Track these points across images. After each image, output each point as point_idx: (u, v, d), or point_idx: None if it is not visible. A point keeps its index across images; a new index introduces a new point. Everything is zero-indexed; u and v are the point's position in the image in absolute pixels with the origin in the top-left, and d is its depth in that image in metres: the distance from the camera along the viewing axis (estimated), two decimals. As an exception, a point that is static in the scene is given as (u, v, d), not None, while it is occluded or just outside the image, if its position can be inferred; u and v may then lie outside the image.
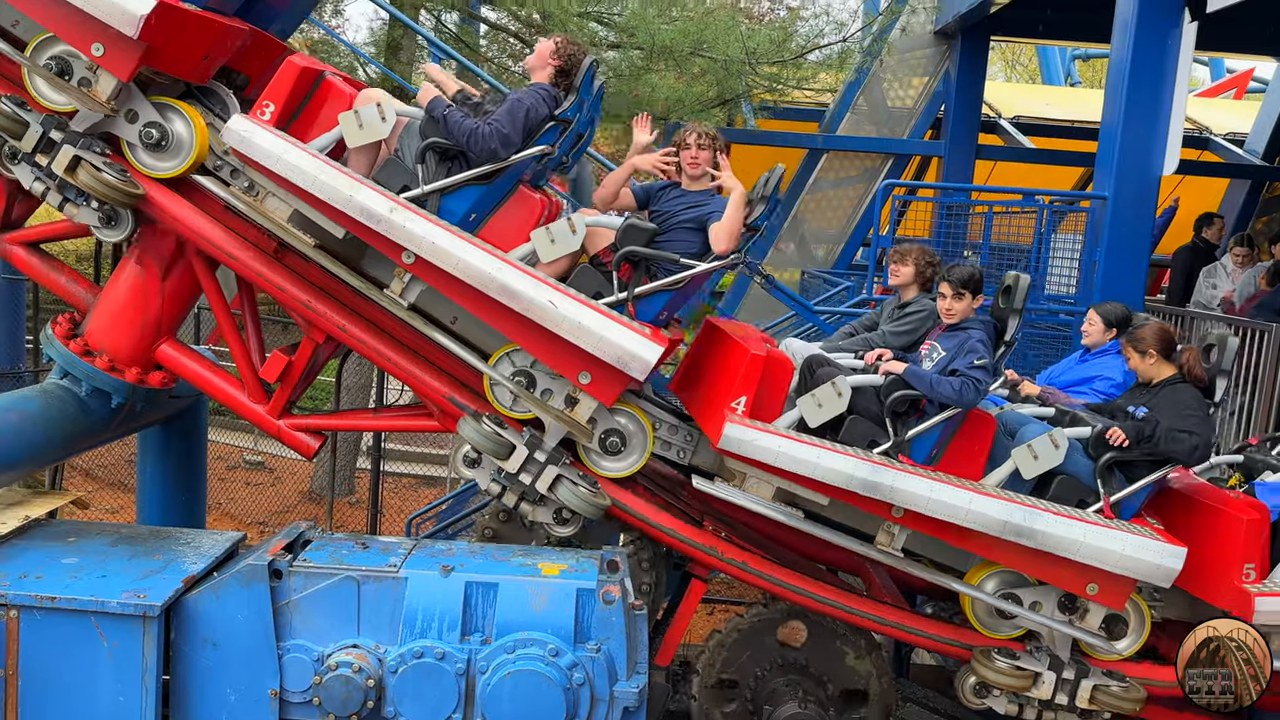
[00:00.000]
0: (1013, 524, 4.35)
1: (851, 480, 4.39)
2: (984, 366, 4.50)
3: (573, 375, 4.51)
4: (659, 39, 10.37)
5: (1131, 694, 4.55)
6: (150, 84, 4.67)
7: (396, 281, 4.63)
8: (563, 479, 4.60)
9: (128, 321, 4.95)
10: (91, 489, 12.16)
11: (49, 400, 4.82)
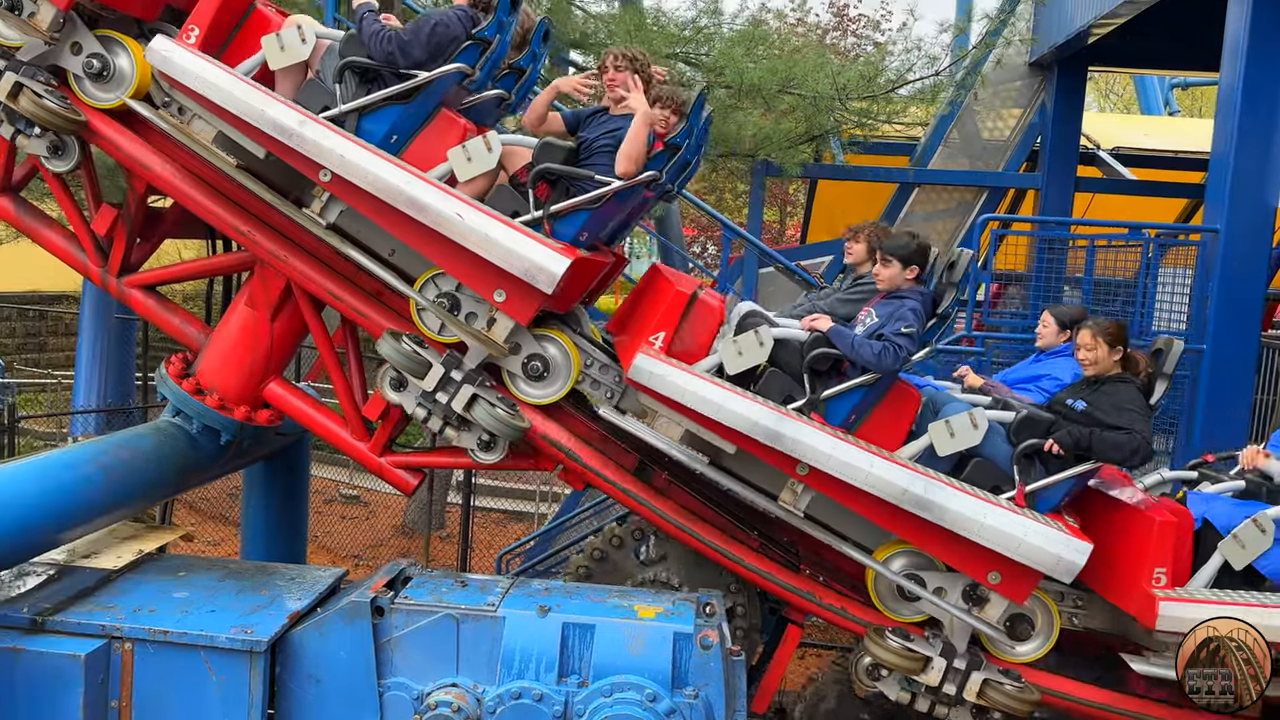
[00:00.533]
0: (912, 493, 4.25)
1: (755, 427, 4.34)
2: (909, 335, 4.44)
3: (488, 293, 4.51)
4: (747, 77, 10.39)
5: (1025, 695, 4.41)
6: (99, 19, 4.83)
7: (316, 201, 4.72)
8: (479, 399, 4.58)
9: (237, 361, 5.10)
10: (195, 522, 12.56)
11: (162, 437, 4.98)
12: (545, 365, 4.79)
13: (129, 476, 4.67)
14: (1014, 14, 11.74)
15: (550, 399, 4.83)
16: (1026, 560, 4.20)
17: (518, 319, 4.57)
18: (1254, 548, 4.37)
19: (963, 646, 4.54)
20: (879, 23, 22.75)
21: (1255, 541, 4.37)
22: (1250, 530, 4.36)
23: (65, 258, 5.30)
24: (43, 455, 4.38)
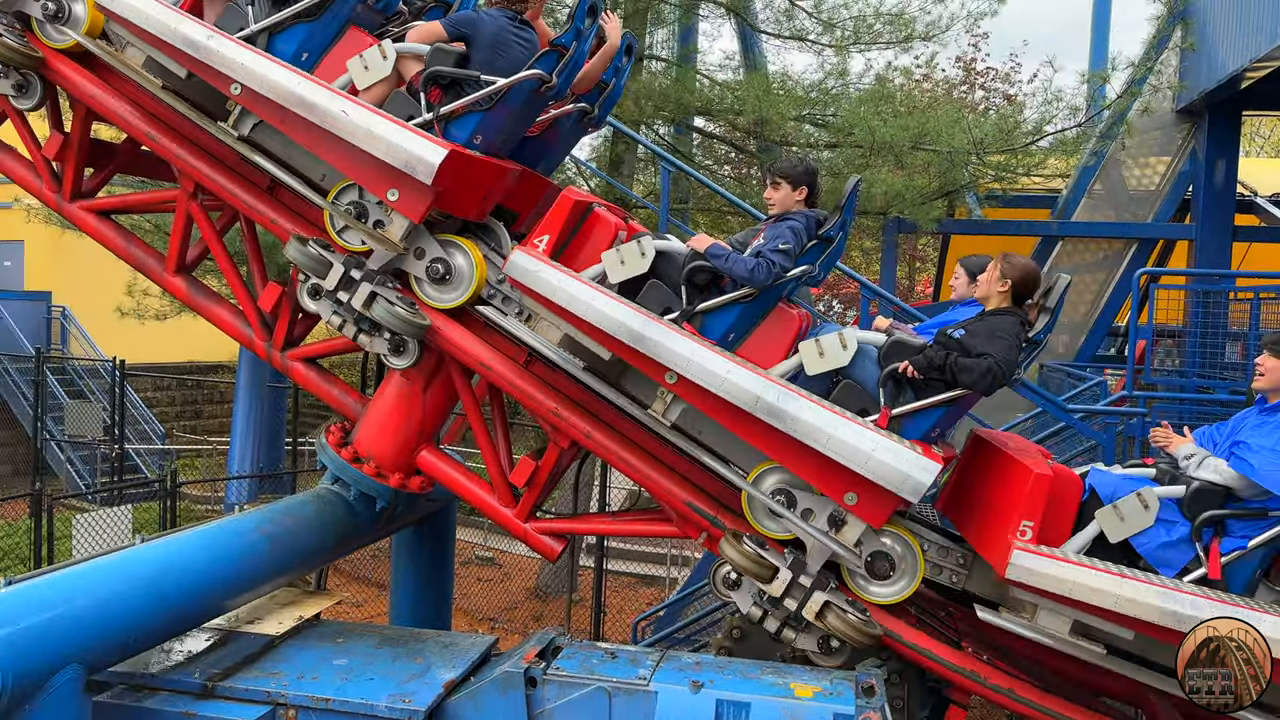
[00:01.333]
0: (765, 401, 4.22)
1: (620, 328, 4.32)
2: (785, 252, 4.49)
3: (383, 193, 4.55)
4: (878, 135, 10.30)
5: (863, 628, 4.35)
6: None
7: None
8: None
9: (393, 430, 5.25)
10: (339, 583, 12.93)
11: (322, 505, 5.14)
12: (448, 269, 4.88)
13: (292, 543, 4.81)
14: (1160, 61, 11.31)
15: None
16: (873, 476, 4.12)
17: (410, 216, 4.65)
18: (1133, 522, 4.23)
19: (815, 568, 4.50)
20: (1009, 75, 22.33)
21: (1135, 516, 4.23)
22: (1133, 504, 4.22)
23: (233, 333, 5.58)
24: (211, 524, 4.56)
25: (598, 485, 10.02)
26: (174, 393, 22.60)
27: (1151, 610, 3.99)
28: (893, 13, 13.16)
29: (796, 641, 4.57)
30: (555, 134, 5.60)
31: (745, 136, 13.66)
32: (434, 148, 4.46)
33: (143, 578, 3.88)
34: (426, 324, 4.86)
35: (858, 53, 13.58)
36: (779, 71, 13.95)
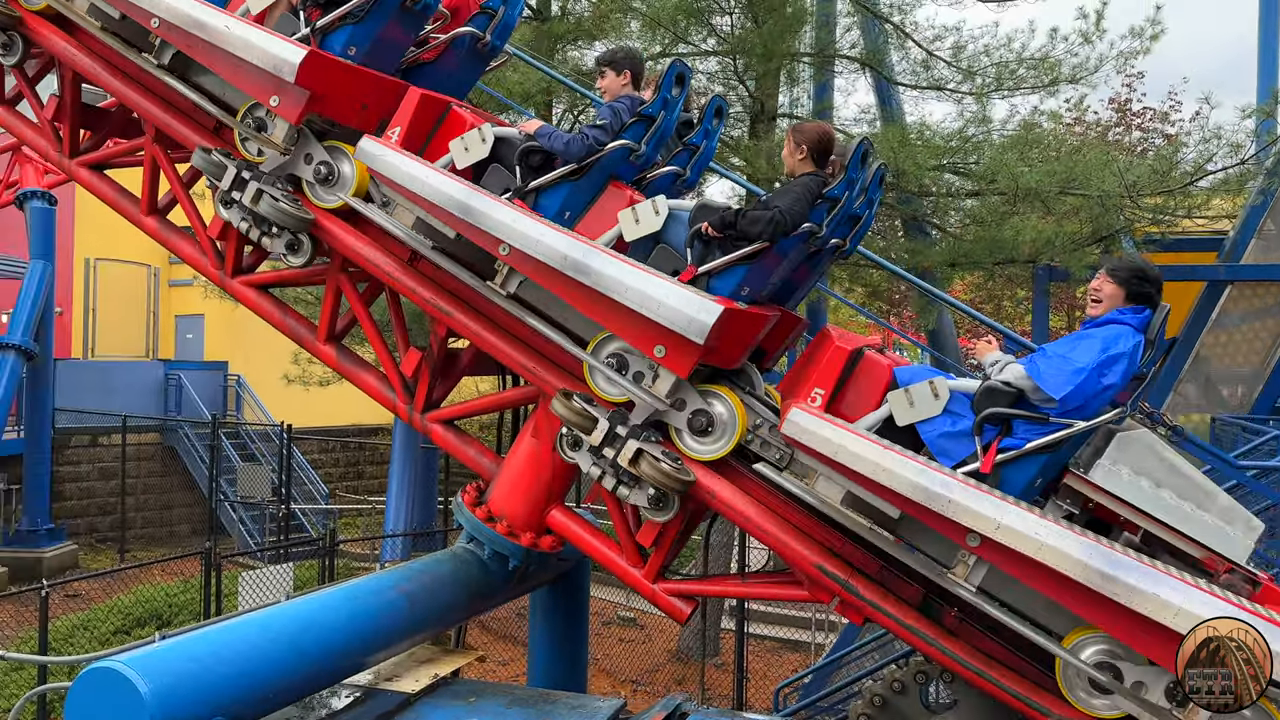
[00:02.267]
0: (571, 259, 4.53)
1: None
2: (601, 128, 4.87)
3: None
4: (1023, 181, 9.97)
5: (676, 474, 4.57)
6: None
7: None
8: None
9: (524, 489, 5.34)
10: (486, 641, 13.17)
11: (458, 563, 5.26)
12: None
13: (429, 601, 4.94)
14: (1333, 89, 10.56)
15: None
16: (664, 320, 4.36)
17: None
18: (921, 408, 4.33)
19: (635, 420, 4.75)
20: (1167, 114, 21.28)
21: (924, 402, 4.33)
22: (924, 390, 4.32)
23: (378, 397, 5.84)
24: (351, 582, 4.73)
25: (736, 547, 9.90)
26: (338, 454, 23.78)
27: (904, 483, 4.02)
28: (1036, 57, 12.82)
29: (630, 499, 4.79)
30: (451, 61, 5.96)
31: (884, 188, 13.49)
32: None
33: (285, 633, 4.05)
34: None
35: (1000, 99, 13.27)
36: (917, 121, 13.76)
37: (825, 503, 4.45)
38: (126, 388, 21.40)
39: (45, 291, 18.07)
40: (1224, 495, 4.19)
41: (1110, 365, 4.13)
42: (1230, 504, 4.15)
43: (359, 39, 5.36)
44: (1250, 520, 4.13)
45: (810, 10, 13.20)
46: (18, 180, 19.14)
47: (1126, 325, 4.24)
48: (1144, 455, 4.19)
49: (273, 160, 5.40)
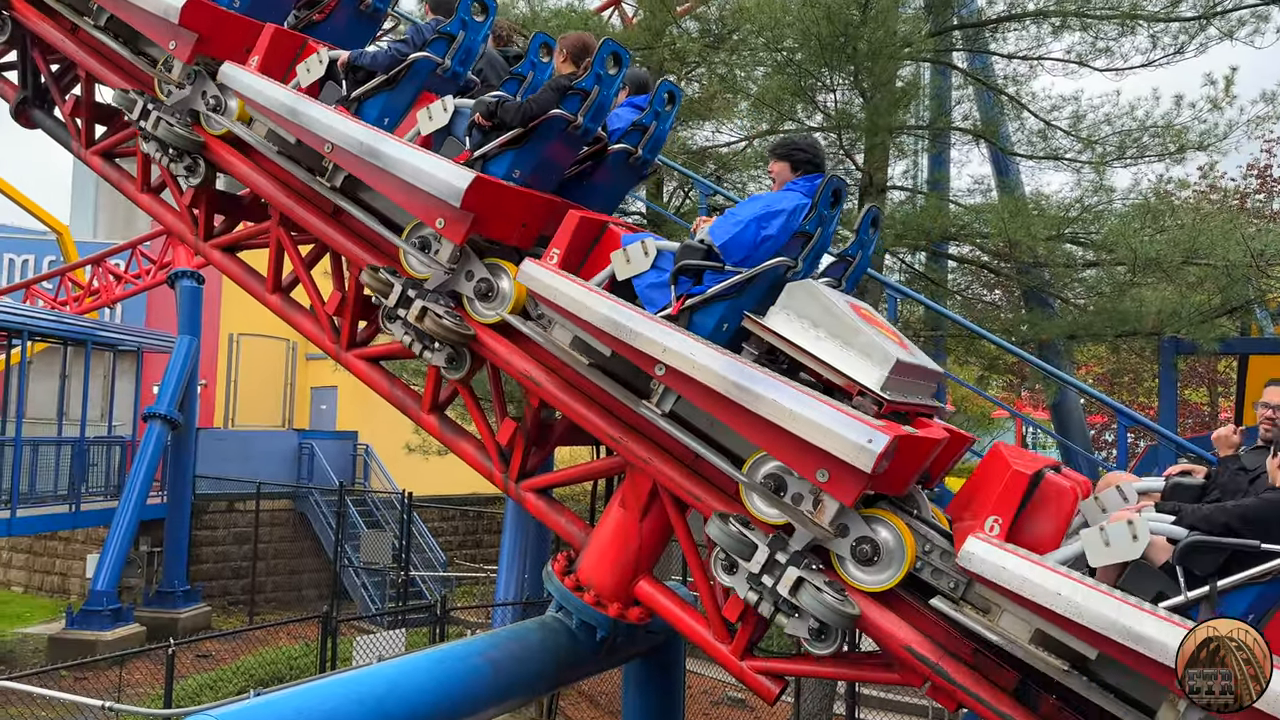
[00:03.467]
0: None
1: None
2: (404, 41, 5.93)
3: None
4: (1141, 252, 9.61)
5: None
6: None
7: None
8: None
9: (612, 559, 5.39)
10: (593, 715, 13.08)
11: (545, 632, 5.32)
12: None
13: (515, 669, 5.01)
14: None
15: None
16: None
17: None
18: (635, 265, 5.05)
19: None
20: (1314, 179, 20.21)
21: (638, 259, 5.07)
22: (636, 249, 5.09)
23: (475, 465, 6.03)
24: (439, 647, 4.86)
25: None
26: (456, 523, 24.30)
27: (1102, 620, 3.82)
28: (1161, 124, 12.43)
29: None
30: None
31: (999, 260, 13.21)
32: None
33: (370, 695, 4.18)
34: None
35: (1122, 167, 12.89)
36: (1034, 192, 13.47)
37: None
38: (263, 456, 22.52)
39: (191, 365, 19.33)
40: (867, 333, 4.66)
41: (769, 219, 4.84)
42: (871, 341, 4.64)
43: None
44: (886, 354, 4.58)
45: (920, 84, 13.19)
46: (170, 261, 20.68)
47: (794, 191, 4.99)
48: (805, 301, 4.77)
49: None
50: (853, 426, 4.21)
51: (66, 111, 7.77)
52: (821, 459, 4.34)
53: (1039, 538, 4.32)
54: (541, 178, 5.71)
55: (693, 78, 14.56)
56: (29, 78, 7.86)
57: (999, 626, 4.24)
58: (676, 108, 6.21)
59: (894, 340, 4.86)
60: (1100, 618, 3.84)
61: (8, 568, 22.48)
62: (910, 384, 4.83)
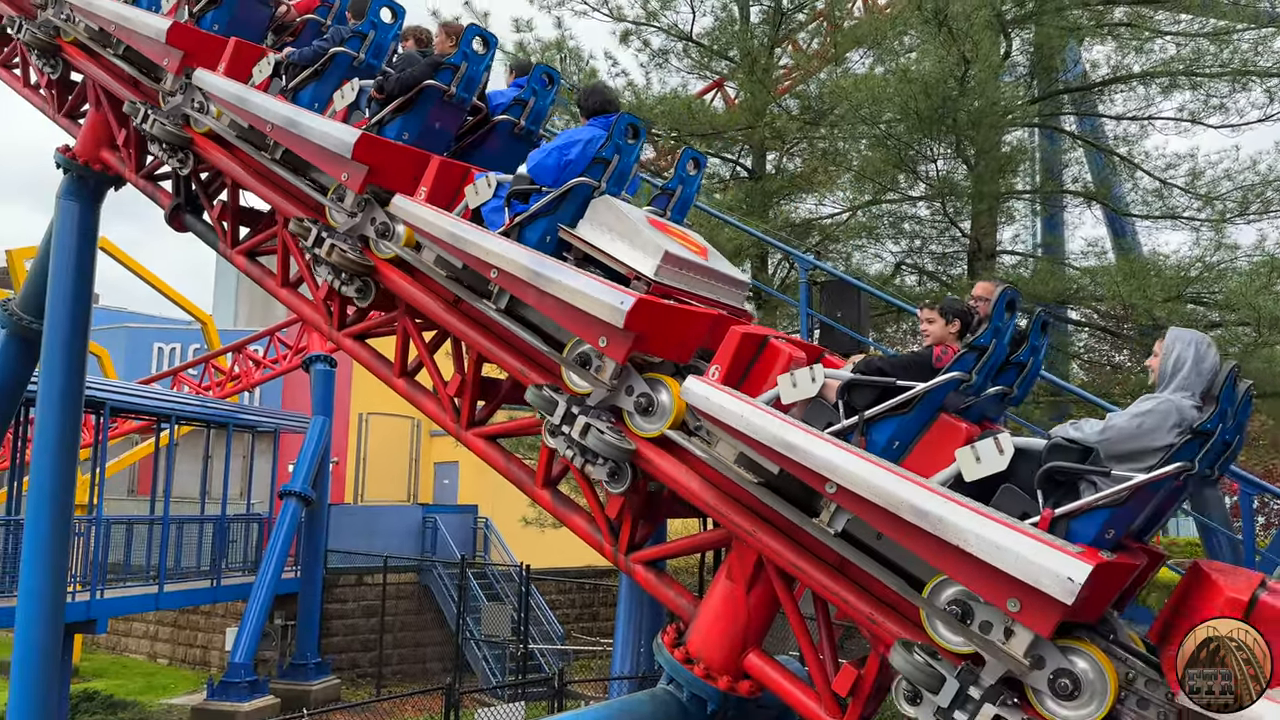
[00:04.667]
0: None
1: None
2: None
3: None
4: (1267, 311, 9.28)
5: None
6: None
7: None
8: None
9: (720, 632, 5.47)
10: (711, 792, 12.88)
11: (656, 704, 5.43)
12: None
13: (628, 740, 5.13)
14: None
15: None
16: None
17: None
18: (482, 196, 6.20)
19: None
20: None
21: (483, 192, 6.21)
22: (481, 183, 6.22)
23: (586, 537, 6.24)
24: (552, 718, 5.00)
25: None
26: (574, 595, 24.49)
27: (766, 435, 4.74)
28: (1286, 177, 12.06)
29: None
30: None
31: (1118, 322, 12.88)
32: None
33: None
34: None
35: (1245, 224, 12.50)
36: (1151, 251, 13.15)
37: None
38: (389, 530, 23.32)
39: (324, 444, 20.32)
40: (647, 234, 5.63)
41: (569, 148, 5.98)
42: (648, 239, 5.60)
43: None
44: (658, 247, 5.56)
45: (1026, 149, 13.15)
46: (305, 346, 21.93)
47: (591, 126, 6.13)
48: (604, 212, 5.85)
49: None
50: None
51: (214, 216, 8.54)
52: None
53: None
54: (430, 142, 6.75)
55: (794, 153, 14.86)
56: (182, 188, 8.67)
57: (714, 451, 5.07)
58: (555, 88, 7.22)
59: (683, 244, 5.87)
60: (764, 432, 4.67)
61: (155, 640, 23.72)
62: (695, 280, 5.83)
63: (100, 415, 17.45)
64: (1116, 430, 4.28)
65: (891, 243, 13.82)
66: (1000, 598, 4.12)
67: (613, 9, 14.77)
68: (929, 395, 4.73)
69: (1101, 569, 3.97)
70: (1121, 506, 4.17)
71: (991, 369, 4.86)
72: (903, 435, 4.79)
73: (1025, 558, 3.97)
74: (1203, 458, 4.28)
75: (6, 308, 10.79)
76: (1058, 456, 4.29)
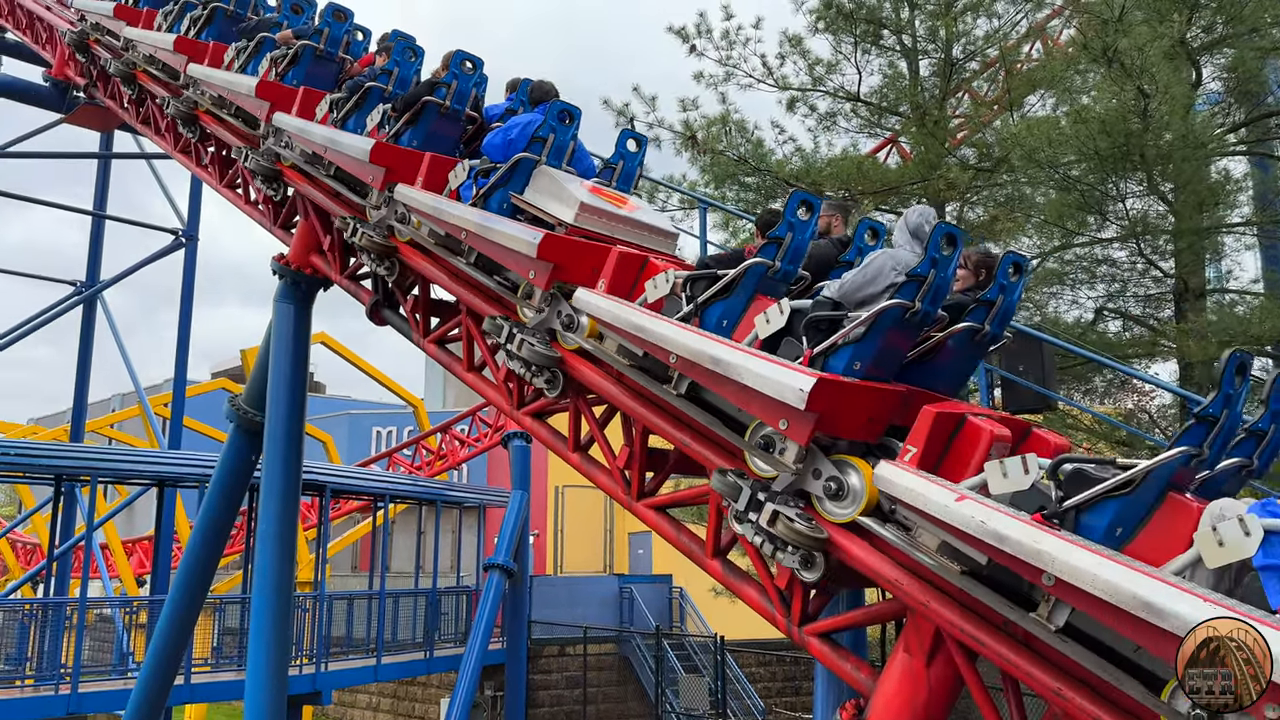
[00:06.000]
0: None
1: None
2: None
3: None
4: None
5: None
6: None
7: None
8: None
9: (899, 708, 5.24)
10: None
11: (836, 782, 5.25)
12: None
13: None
14: None
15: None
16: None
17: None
18: (458, 179, 7.81)
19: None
20: None
21: (459, 175, 7.81)
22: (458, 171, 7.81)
23: (758, 608, 6.15)
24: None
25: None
26: (775, 669, 23.98)
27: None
28: None
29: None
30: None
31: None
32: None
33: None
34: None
35: None
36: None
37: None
38: (587, 601, 23.75)
39: (523, 517, 21.07)
40: (570, 190, 6.96)
41: (510, 130, 7.39)
42: (571, 195, 6.95)
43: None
44: (575, 199, 6.91)
45: (1232, 180, 12.22)
46: (504, 424, 22.98)
47: (531, 114, 7.49)
48: (542, 179, 7.22)
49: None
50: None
51: (408, 309, 9.19)
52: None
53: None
54: (436, 145, 8.04)
55: (975, 202, 14.43)
56: (380, 286, 9.41)
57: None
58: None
59: (609, 200, 7.12)
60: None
61: (377, 711, 25.01)
62: (616, 227, 7.09)
63: (322, 497, 18.85)
64: (850, 283, 5.56)
65: (1087, 288, 13.07)
66: (773, 419, 5.22)
67: (778, 79, 14.97)
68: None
69: (827, 384, 4.97)
70: (860, 341, 5.27)
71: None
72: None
73: (772, 379, 5.07)
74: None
75: (234, 403, 11.93)
76: (818, 310, 5.45)
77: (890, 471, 4.96)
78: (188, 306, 20.75)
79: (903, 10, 14.72)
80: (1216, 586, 4.03)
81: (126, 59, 13.29)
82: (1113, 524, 4.34)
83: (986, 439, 5.01)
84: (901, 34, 14.61)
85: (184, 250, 20.85)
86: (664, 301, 6.46)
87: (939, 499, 4.70)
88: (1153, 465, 4.30)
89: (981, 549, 4.59)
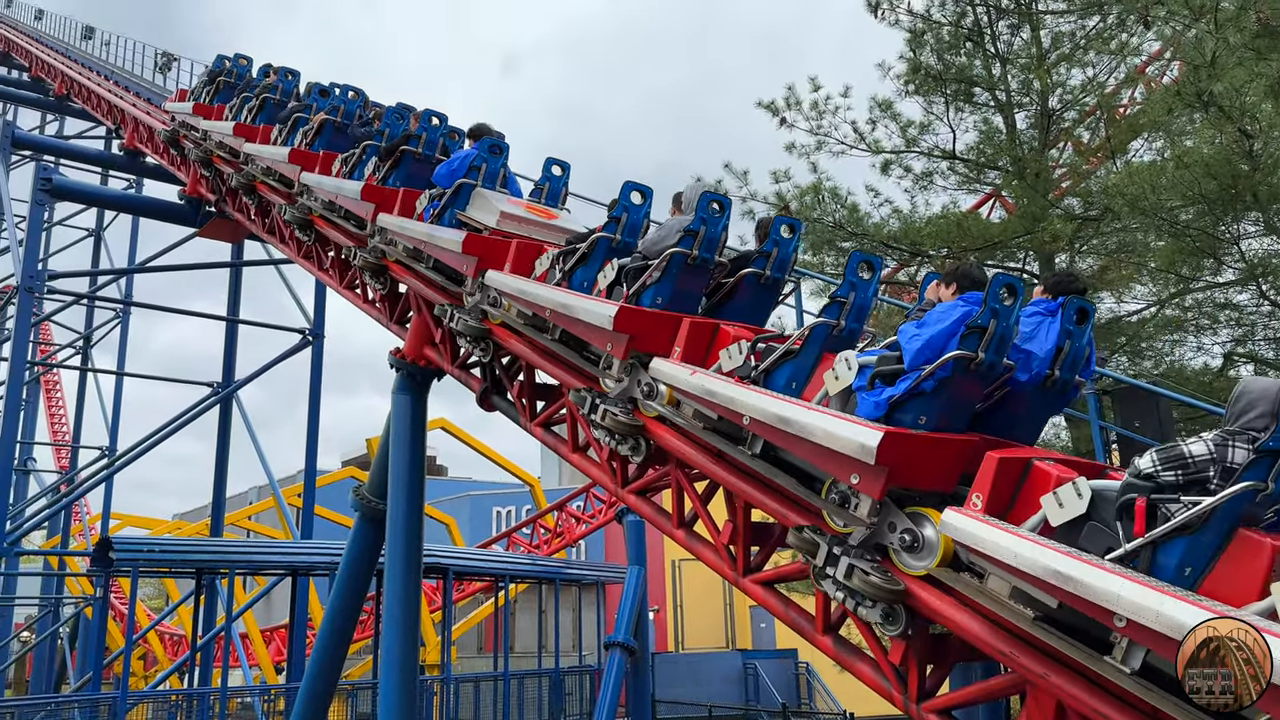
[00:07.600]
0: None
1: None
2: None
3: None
4: None
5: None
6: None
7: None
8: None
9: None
10: None
11: None
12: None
13: None
14: None
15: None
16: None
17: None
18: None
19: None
20: None
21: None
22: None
23: (874, 686, 6.02)
24: None
25: None
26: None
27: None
28: None
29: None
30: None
31: None
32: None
33: None
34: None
35: None
36: None
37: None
38: (710, 678, 23.38)
39: (641, 593, 20.99)
40: (495, 203, 8.77)
41: (453, 161, 9.55)
42: (495, 207, 8.76)
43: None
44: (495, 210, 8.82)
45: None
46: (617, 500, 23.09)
47: (468, 153, 9.50)
48: (477, 198, 8.97)
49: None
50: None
51: (515, 394, 9.50)
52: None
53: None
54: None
55: (1084, 251, 14.04)
56: (488, 373, 9.77)
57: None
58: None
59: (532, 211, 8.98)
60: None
61: (506, 792, 24.99)
62: (533, 230, 8.85)
63: (445, 580, 19.26)
64: (649, 241, 7.14)
65: (1209, 334, 12.50)
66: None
67: (870, 143, 15.01)
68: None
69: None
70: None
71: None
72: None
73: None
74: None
75: (358, 493, 12.43)
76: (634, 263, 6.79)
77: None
78: (316, 400, 21.78)
79: (994, 67, 14.65)
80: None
81: (247, 172, 14.36)
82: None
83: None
84: (994, 90, 14.51)
85: (311, 348, 22.02)
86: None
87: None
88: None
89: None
